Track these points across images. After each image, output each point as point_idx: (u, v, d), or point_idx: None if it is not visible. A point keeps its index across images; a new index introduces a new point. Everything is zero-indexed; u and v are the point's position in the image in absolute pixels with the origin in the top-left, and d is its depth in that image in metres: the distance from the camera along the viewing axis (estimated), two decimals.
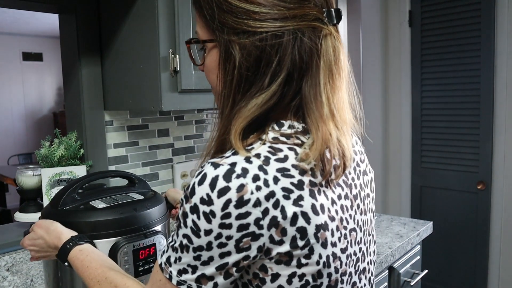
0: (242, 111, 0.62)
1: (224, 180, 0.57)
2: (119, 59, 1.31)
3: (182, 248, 0.60)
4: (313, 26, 0.61)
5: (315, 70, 0.62)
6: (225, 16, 0.62)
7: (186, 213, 0.59)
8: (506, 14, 2.29)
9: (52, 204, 0.97)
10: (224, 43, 0.63)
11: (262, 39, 0.61)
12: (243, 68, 0.62)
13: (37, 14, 4.83)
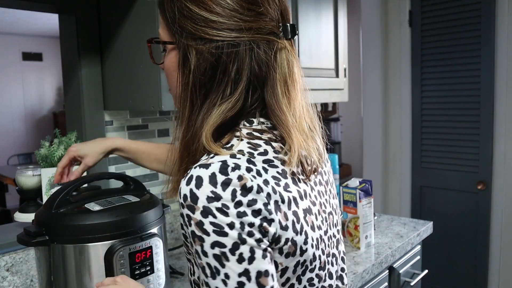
0: (207, 119, 0.63)
1: (222, 174, 0.57)
2: (119, 59, 1.31)
3: (220, 260, 0.56)
4: (267, 40, 0.64)
5: (272, 81, 0.64)
6: (185, 21, 0.64)
7: (199, 222, 0.56)
8: (506, 14, 2.29)
9: (46, 207, 0.96)
10: (183, 47, 0.65)
11: (218, 47, 0.63)
12: (198, 72, 0.64)
13: (37, 14, 4.83)
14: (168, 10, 0.67)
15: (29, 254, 1.22)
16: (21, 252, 1.20)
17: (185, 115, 0.66)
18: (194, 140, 0.64)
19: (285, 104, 0.65)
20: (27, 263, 1.22)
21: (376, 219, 1.80)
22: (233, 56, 0.63)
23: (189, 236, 0.58)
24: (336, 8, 1.80)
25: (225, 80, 0.63)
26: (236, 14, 0.63)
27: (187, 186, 0.58)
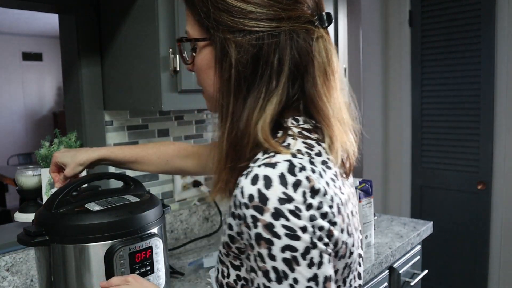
0: (260, 113, 0.61)
1: (291, 175, 0.55)
2: (119, 59, 1.31)
3: (290, 265, 0.54)
4: (306, 28, 0.63)
5: (311, 70, 0.63)
6: (220, 14, 0.63)
7: (268, 224, 0.54)
8: (506, 14, 2.29)
9: (46, 207, 0.96)
10: (220, 41, 0.63)
11: (259, 38, 0.61)
12: (240, 66, 0.62)
13: (37, 14, 4.82)
14: (199, 5, 0.65)
15: (29, 254, 1.22)
16: (21, 252, 1.20)
17: (229, 111, 0.64)
18: (243, 137, 0.62)
19: (325, 94, 0.64)
20: (27, 263, 1.22)
21: (376, 219, 1.80)
22: (274, 47, 0.62)
23: (250, 237, 0.55)
24: (336, 8, 1.80)
25: (268, 72, 0.62)
26: (274, 3, 0.61)
27: (252, 185, 0.55)
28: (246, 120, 0.62)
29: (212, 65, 0.66)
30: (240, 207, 0.56)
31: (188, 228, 1.67)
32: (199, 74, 0.70)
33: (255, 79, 0.62)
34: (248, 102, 0.62)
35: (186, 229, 1.67)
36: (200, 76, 0.70)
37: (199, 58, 0.68)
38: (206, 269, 1.30)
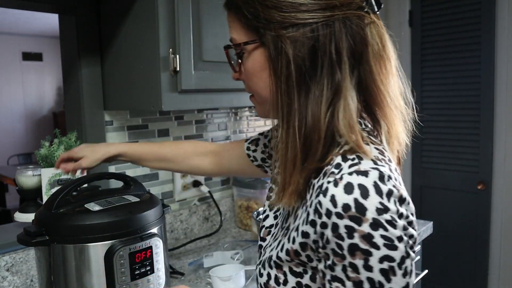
0: (344, 109, 0.60)
1: (383, 184, 0.54)
2: (119, 59, 1.31)
3: (387, 275, 0.53)
4: (358, 15, 0.61)
5: (367, 58, 0.62)
6: (270, 12, 0.61)
7: (367, 235, 0.52)
8: (506, 14, 2.29)
9: (46, 207, 0.96)
10: (272, 40, 0.61)
11: (313, 29, 0.60)
12: (299, 60, 0.60)
13: (37, 14, 4.82)
14: (245, 7, 0.63)
15: (29, 254, 1.22)
16: (21, 252, 1.20)
17: (294, 108, 0.61)
18: (313, 133, 0.60)
19: (381, 81, 0.62)
20: (27, 263, 1.22)
21: None
22: (330, 36, 0.60)
23: (341, 248, 0.54)
24: None
25: (328, 63, 0.60)
26: None
27: (347, 194, 0.53)
28: (313, 115, 0.60)
29: (265, 67, 0.64)
30: (328, 216, 0.54)
31: (188, 228, 1.67)
32: (251, 79, 0.68)
33: (315, 72, 0.60)
34: (311, 96, 0.61)
35: (186, 229, 1.66)
36: (251, 82, 0.68)
37: (249, 62, 0.66)
38: (206, 269, 1.30)
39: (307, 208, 0.59)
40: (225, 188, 1.83)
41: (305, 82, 0.61)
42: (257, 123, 1.96)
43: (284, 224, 0.69)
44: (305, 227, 0.58)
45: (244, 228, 1.73)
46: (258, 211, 1.51)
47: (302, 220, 0.60)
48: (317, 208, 0.56)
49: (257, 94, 0.69)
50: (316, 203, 0.56)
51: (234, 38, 0.67)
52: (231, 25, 0.67)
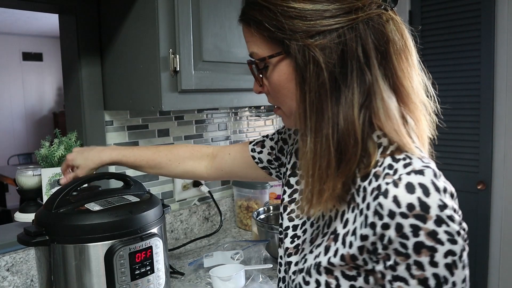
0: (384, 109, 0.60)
1: (438, 181, 0.56)
2: (119, 59, 1.31)
3: (451, 269, 0.54)
4: (378, 14, 0.61)
5: (390, 55, 0.62)
6: (294, 22, 0.61)
7: (432, 231, 0.53)
8: (506, 14, 2.29)
9: (46, 207, 0.96)
10: (300, 50, 0.61)
11: (340, 35, 0.60)
12: (331, 67, 0.60)
13: (37, 14, 4.83)
14: (266, 20, 0.63)
15: (29, 254, 1.22)
16: (21, 252, 1.20)
17: (327, 115, 0.61)
18: (348, 137, 0.60)
19: (404, 77, 0.63)
20: (27, 263, 1.22)
21: None
22: (356, 39, 0.60)
23: (405, 247, 0.54)
24: None
25: (357, 65, 0.60)
26: None
27: (411, 194, 0.54)
28: (346, 119, 0.60)
29: (292, 78, 0.64)
30: (391, 217, 0.55)
31: (188, 228, 1.67)
32: (278, 91, 0.67)
33: (346, 76, 0.60)
34: (342, 101, 0.61)
35: (186, 229, 1.67)
36: (278, 94, 0.68)
37: (275, 75, 0.66)
38: (206, 269, 1.30)
39: (362, 211, 0.59)
40: (225, 188, 1.83)
41: (336, 88, 0.61)
42: (257, 123, 1.96)
43: (325, 230, 0.68)
44: (364, 230, 0.58)
45: (244, 228, 1.73)
46: (258, 211, 1.51)
47: (359, 224, 0.59)
48: (377, 210, 0.56)
49: (285, 106, 0.68)
50: (375, 205, 0.56)
51: (255, 53, 0.67)
52: (250, 39, 0.67)
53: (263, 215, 1.53)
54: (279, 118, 2.06)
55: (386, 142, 0.62)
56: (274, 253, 1.37)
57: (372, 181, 0.59)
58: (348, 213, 0.63)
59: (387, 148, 0.61)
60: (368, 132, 0.62)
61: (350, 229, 0.61)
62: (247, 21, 0.66)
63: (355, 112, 0.60)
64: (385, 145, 0.62)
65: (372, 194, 0.58)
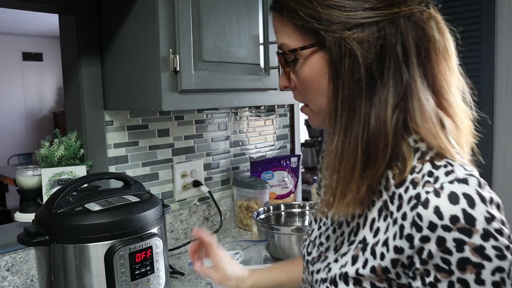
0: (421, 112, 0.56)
1: (483, 191, 0.52)
2: (119, 59, 1.31)
3: (499, 287, 0.50)
4: (420, 10, 0.58)
5: (430, 56, 0.59)
6: (332, 12, 0.57)
7: (478, 247, 0.49)
8: (506, 14, 2.29)
9: (46, 207, 0.96)
10: (336, 43, 0.57)
11: (380, 28, 0.56)
12: (368, 62, 0.56)
13: (37, 14, 4.83)
14: (301, 9, 0.59)
15: (29, 254, 1.22)
16: (21, 252, 1.20)
17: (360, 114, 0.57)
18: (378, 139, 0.56)
19: (444, 79, 0.60)
20: (27, 263, 1.22)
21: None
22: (396, 34, 0.56)
23: (448, 263, 0.50)
24: None
25: (395, 63, 0.56)
26: None
27: (454, 205, 0.50)
28: (378, 120, 0.56)
29: (324, 72, 0.60)
30: (432, 230, 0.51)
31: (188, 228, 1.67)
32: (307, 86, 0.63)
33: (382, 73, 0.57)
34: (376, 100, 0.57)
35: (186, 229, 1.67)
36: (308, 89, 0.63)
37: (306, 68, 0.62)
38: None
39: (396, 221, 0.55)
40: (225, 188, 1.83)
41: (372, 86, 0.57)
42: (257, 123, 1.96)
43: (352, 237, 0.63)
44: (398, 242, 0.54)
45: (244, 228, 1.73)
46: (258, 211, 1.51)
47: (392, 234, 0.55)
48: (416, 221, 0.52)
49: (314, 103, 0.64)
50: (413, 215, 0.52)
51: (285, 44, 0.63)
52: (281, 29, 0.63)
53: (263, 215, 1.53)
54: (279, 118, 2.06)
55: (424, 147, 0.58)
56: (274, 253, 1.37)
57: (409, 189, 0.55)
58: (379, 221, 0.59)
59: (425, 154, 0.57)
60: (403, 135, 0.58)
61: (381, 239, 0.57)
62: (280, 9, 0.62)
63: (388, 113, 0.56)
64: (423, 150, 0.58)
65: (410, 203, 0.54)
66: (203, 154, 1.74)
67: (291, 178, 1.90)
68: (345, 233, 0.65)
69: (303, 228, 1.35)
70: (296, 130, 2.14)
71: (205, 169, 1.74)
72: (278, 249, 1.35)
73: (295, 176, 1.92)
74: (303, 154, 3.20)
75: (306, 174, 3.06)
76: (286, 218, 1.59)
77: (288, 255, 1.34)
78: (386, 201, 0.58)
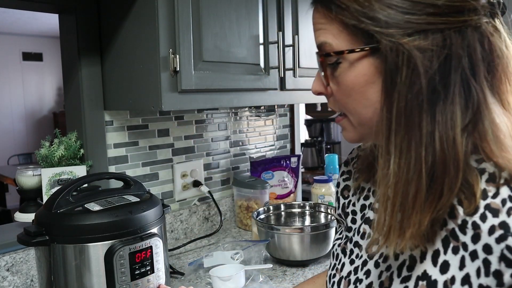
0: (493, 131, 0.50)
1: None
2: (119, 59, 1.31)
3: None
4: (487, 21, 0.52)
5: (496, 73, 0.53)
6: (391, 13, 0.50)
7: None
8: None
9: (46, 207, 0.96)
10: (393, 48, 0.50)
11: (445, 37, 0.49)
12: (431, 73, 0.49)
13: (37, 14, 4.83)
14: (355, 6, 0.52)
15: (29, 254, 1.22)
16: (21, 252, 1.20)
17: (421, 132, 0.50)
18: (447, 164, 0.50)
19: (506, 100, 0.53)
20: (27, 263, 1.22)
21: None
22: (462, 45, 0.50)
23: None
24: None
25: (460, 77, 0.50)
26: None
27: None
28: (445, 141, 0.49)
29: (373, 81, 0.53)
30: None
31: (188, 228, 1.67)
32: (349, 95, 0.56)
33: (447, 88, 0.50)
34: (440, 118, 0.50)
35: (186, 229, 1.67)
36: (349, 98, 0.56)
37: (350, 74, 0.54)
38: (206, 269, 1.30)
39: (475, 254, 0.49)
40: (225, 188, 1.83)
41: (434, 101, 0.50)
42: (257, 123, 1.96)
43: (404, 273, 0.56)
44: (484, 279, 0.48)
45: (244, 228, 1.73)
46: (258, 211, 1.51)
47: (474, 271, 0.49)
48: (505, 255, 0.46)
49: (355, 115, 0.57)
50: (502, 248, 0.46)
51: (328, 43, 0.55)
52: (326, 27, 0.55)
53: (263, 215, 1.53)
54: (279, 118, 2.06)
55: (491, 168, 0.50)
56: (274, 253, 1.37)
57: (488, 217, 0.48)
58: (446, 254, 0.52)
59: (495, 175, 0.50)
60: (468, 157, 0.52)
61: (457, 276, 0.50)
62: (328, 4, 0.54)
63: (458, 134, 0.50)
64: (491, 171, 0.50)
65: (493, 234, 0.47)
66: (203, 154, 1.74)
67: (291, 178, 1.90)
68: (393, 267, 0.58)
69: (303, 228, 1.36)
70: (296, 130, 2.14)
71: (205, 169, 1.74)
72: (278, 249, 1.35)
73: (295, 176, 1.92)
74: (303, 154, 3.20)
75: (306, 174, 3.06)
76: (286, 218, 1.59)
77: (288, 255, 1.34)
78: (454, 230, 0.51)
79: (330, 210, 1.51)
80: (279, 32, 1.41)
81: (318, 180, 1.80)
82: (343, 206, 0.75)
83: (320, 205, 1.56)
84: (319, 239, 1.32)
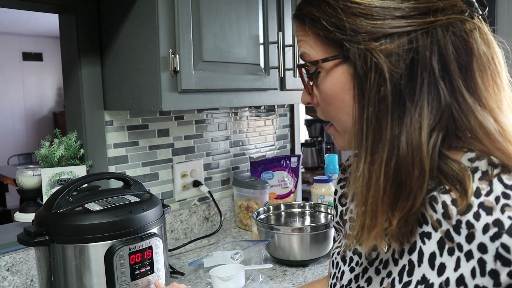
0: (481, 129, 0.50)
1: None
2: (119, 59, 1.31)
3: None
4: (461, 20, 0.52)
5: (472, 72, 0.52)
6: (357, 21, 0.51)
7: None
8: (506, 14, 2.29)
9: (46, 207, 0.96)
10: (361, 55, 0.51)
11: (412, 40, 0.50)
12: (396, 77, 0.50)
13: (37, 14, 4.83)
14: (324, 17, 0.53)
15: (29, 254, 1.22)
16: (21, 252, 1.20)
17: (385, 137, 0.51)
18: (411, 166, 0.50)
19: (490, 99, 0.52)
20: (27, 263, 1.22)
21: None
22: (431, 46, 0.50)
23: None
24: None
25: (428, 79, 0.50)
26: None
27: None
28: (410, 144, 0.50)
29: (349, 88, 0.54)
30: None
31: (188, 228, 1.67)
32: (330, 103, 0.57)
33: (413, 91, 0.50)
34: (407, 120, 0.50)
35: (186, 229, 1.67)
36: (330, 106, 0.57)
37: (328, 83, 0.56)
38: (206, 269, 1.30)
39: (470, 254, 0.48)
40: (225, 188, 1.83)
41: (400, 105, 0.51)
42: (257, 123, 1.96)
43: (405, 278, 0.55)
44: (480, 280, 0.47)
45: (244, 228, 1.73)
46: (258, 211, 1.51)
47: (469, 271, 0.48)
48: (501, 253, 0.45)
49: (338, 122, 0.58)
50: (497, 247, 0.45)
51: (307, 54, 0.58)
52: (303, 39, 0.58)
53: (263, 215, 1.53)
54: (279, 118, 2.06)
55: (484, 166, 0.50)
56: (274, 253, 1.37)
57: (481, 215, 0.47)
58: (442, 256, 0.51)
59: (487, 173, 0.49)
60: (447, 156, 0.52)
61: (451, 277, 0.49)
62: (302, 18, 0.57)
63: (423, 136, 0.50)
64: (484, 169, 0.50)
65: (487, 233, 0.46)
66: (203, 154, 1.74)
67: (291, 178, 1.90)
68: (394, 273, 0.57)
69: (303, 228, 1.36)
70: (296, 130, 2.14)
71: (205, 169, 1.74)
72: (278, 249, 1.35)
73: (295, 176, 1.92)
74: (303, 154, 3.20)
75: (306, 174, 3.06)
76: (286, 218, 1.59)
77: (288, 255, 1.34)
78: (449, 231, 0.51)
79: (330, 210, 1.51)
80: (279, 32, 1.41)
81: (318, 180, 1.80)
82: (341, 213, 0.76)
83: (320, 205, 1.56)
84: (319, 239, 1.32)
